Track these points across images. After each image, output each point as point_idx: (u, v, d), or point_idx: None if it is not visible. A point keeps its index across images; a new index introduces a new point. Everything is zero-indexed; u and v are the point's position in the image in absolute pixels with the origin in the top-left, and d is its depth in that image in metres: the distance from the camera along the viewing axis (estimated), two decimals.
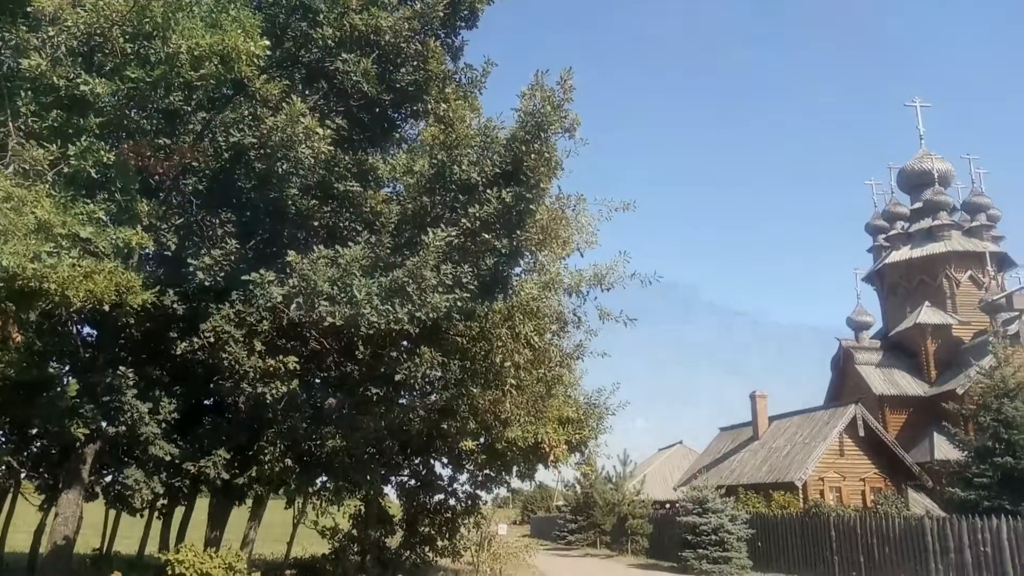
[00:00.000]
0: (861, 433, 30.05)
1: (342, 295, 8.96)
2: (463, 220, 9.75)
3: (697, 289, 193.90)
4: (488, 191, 9.73)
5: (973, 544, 19.04)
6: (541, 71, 9.99)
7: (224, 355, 8.87)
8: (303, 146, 9.17)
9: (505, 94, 11.31)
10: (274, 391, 9.28)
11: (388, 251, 9.83)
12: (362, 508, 17.71)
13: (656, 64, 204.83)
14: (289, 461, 10.50)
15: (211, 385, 10.16)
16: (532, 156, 9.80)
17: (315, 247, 9.50)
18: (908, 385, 36.71)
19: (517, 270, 12.36)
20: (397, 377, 9.64)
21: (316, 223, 10.49)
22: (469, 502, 18.45)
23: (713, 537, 23.89)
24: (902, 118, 67.25)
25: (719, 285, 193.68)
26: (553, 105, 9.71)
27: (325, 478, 11.93)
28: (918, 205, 41.68)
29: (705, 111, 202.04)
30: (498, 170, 9.93)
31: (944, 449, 29.95)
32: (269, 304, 9.03)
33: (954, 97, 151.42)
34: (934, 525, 20.04)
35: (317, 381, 12.22)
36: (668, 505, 39.04)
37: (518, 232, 10.08)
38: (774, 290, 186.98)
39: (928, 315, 37.46)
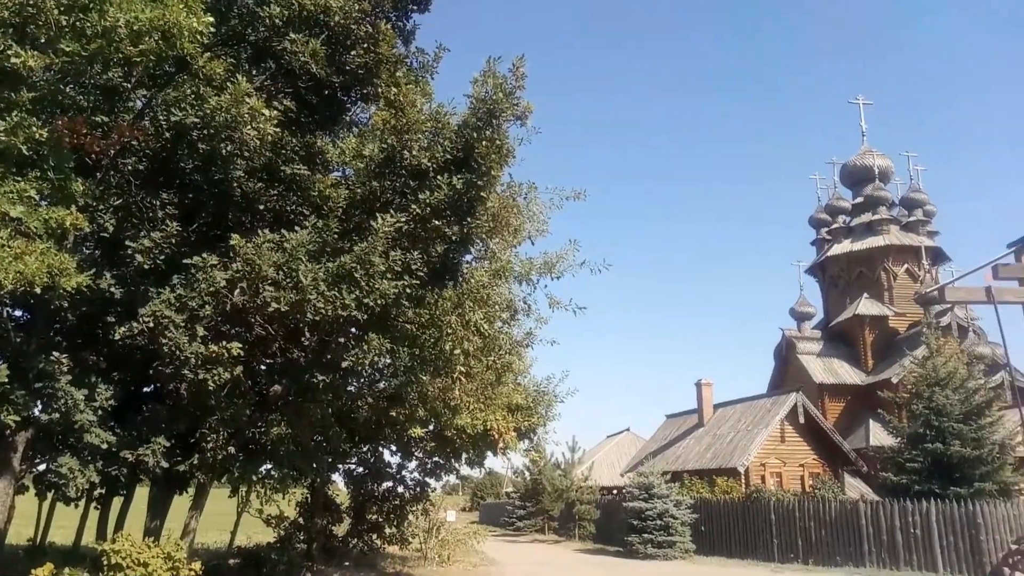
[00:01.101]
0: (801, 420, 30.96)
1: (288, 280, 8.81)
2: (413, 206, 9.67)
3: (646, 277, 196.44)
4: (439, 177, 9.66)
5: (904, 527, 19.85)
6: (493, 57, 9.95)
7: (164, 341, 8.62)
8: (248, 127, 8.95)
9: (458, 80, 11.23)
10: (217, 378, 9.06)
11: (336, 236, 9.69)
12: (308, 496, 17.54)
13: (608, 56, 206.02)
14: (232, 449, 10.29)
15: (151, 371, 9.88)
16: (483, 143, 9.76)
17: (260, 231, 9.30)
18: (847, 374, 37.93)
19: (468, 257, 12.33)
20: (344, 364, 9.52)
21: (262, 206, 10.26)
22: (418, 489, 18.44)
23: (658, 522, 24.37)
24: (846, 115, 69.53)
25: (669, 274, 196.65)
26: (505, 92, 9.68)
27: (270, 466, 11.73)
28: (859, 200, 42.93)
29: (655, 104, 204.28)
30: (449, 156, 9.87)
31: (879, 436, 31.05)
32: (212, 289, 8.81)
33: (896, 95, 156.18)
34: (868, 509, 20.82)
35: (262, 368, 12.01)
36: (615, 491, 39.66)
37: (469, 219, 10.05)
38: (720, 279, 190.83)
39: (866, 307, 38.78)
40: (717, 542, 24.67)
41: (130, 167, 10.06)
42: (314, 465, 12.66)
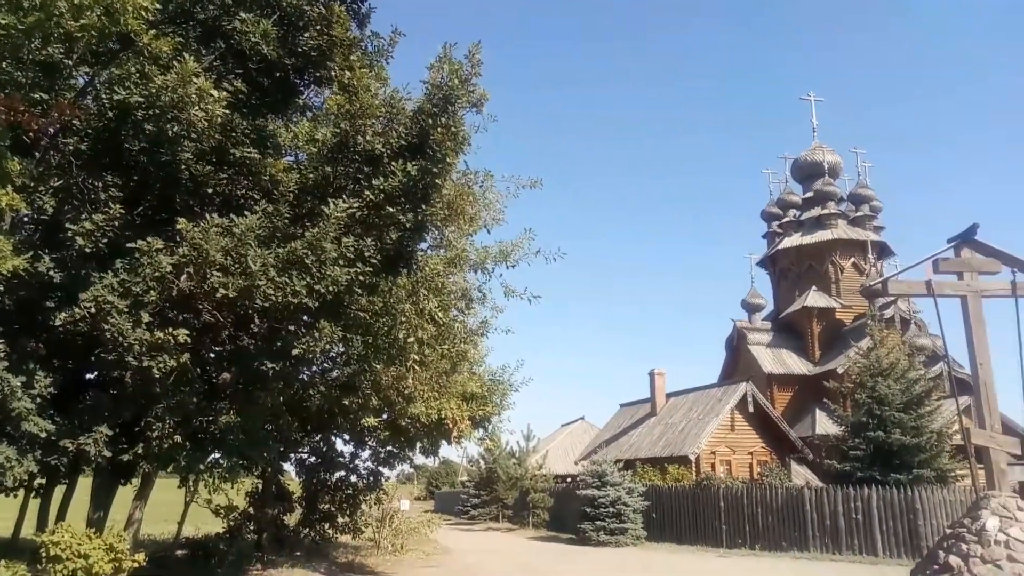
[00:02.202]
0: (751, 409, 31.64)
1: (236, 266, 8.62)
2: (367, 192, 9.55)
3: (602, 267, 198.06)
4: (393, 163, 9.56)
5: (846, 512, 20.46)
6: (449, 43, 9.87)
7: (106, 327, 8.35)
8: (196, 108, 8.69)
9: (414, 66, 11.11)
10: (162, 365, 8.83)
11: (287, 221, 9.51)
12: (259, 486, 17.30)
13: (563, 49, 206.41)
14: (179, 438, 10.04)
15: (93, 358, 9.58)
16: (439, 129, 9.69)
17: (208, 215, 9.07)
18: (795, 364, 38.87)
19: (423, 245, 12.25)
20: (295, 352, 9.38)
21: (211, 190, 9.99)
22: (371, 479, 18.34)
23: (611, 509, 24.68)
24: (799, 111, 71.18)
25: (625, 264, 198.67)
26: (461, 79, 9.61)
27: (219, 455, 11.51)
28: (809, 195, 43.92)
29: (610, 95, 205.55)
30: (404, 142, 9.77)
31: (825, 424, 31.92)
32: (157, 274, 8.57)
33: (846, 92, 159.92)
34: (812, 495, 21.40)
35: (211, 355, 11.76)
36: (569, 479, 40.01)
37: (423, 206, 9.96)
38: (674, 271, 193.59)
39: (814, 299, 39.77)
40: (668, 529, 25.10)
41: (71, 147, 9.70)
42: (264, 454, 12.45)
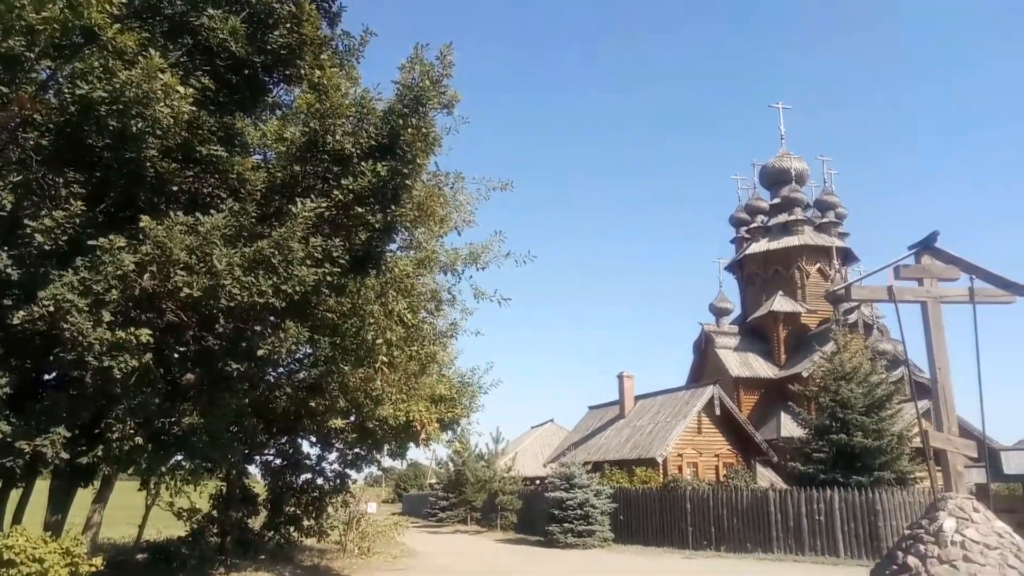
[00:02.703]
0: (717, 412, 32.00)
1: (201, 265, 8.48)
2: (335, 192, 9.47)
3: (573, 270, 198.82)
4: (363, 163, 9.49)
5: (809, 514, 20.81)
6: (421, 44, 9.84)
7: (66, 326, 8.16)
8: (161, 104, 8.53)
9: (386, 67, 11.05)
10: (123, 365, 8.64)
11: (254, 220, 9.39)
12: (223, 488, 17.05)
13: (534, 52, 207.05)
14: (140, 440, 9.83)
15: (51, 358, 9.36)
16: (410, 130, 9.65)
17: (173, 213, 8.91)
18: (761, 368, 39.42)
19: (392, 246, 12.18)
20: (261, 352, 9.25)
21: (176, 188, 9.81)
22: (337, 481, 18.16)
23: (578, 511, 24.79)
24: (767, 118, 72.35)
25: (595, 268, 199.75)
26: (432, 79, 9.59)
27: (181, 457, 11.32)
28: (776, 201, 44.62)
29: (580, 99, 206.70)
30: (374, 142, 9.71)
31: (789, 427, 32.40)
32: (119, 272, 8.39)
33: (814, 101, 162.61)
34: (776, 497, 21.72)
35: (175, 355, 11.56)
36: (538, 481, 40.08)
37: (393, 207, 9.91)
38: (644, 275, 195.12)
39: (781, 303, 40.39)
40: (635, 530, 25.28)
41: (32, 142, 9.45)
42: (229, 457, 12.28)
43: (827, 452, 23.06)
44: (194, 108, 9.19)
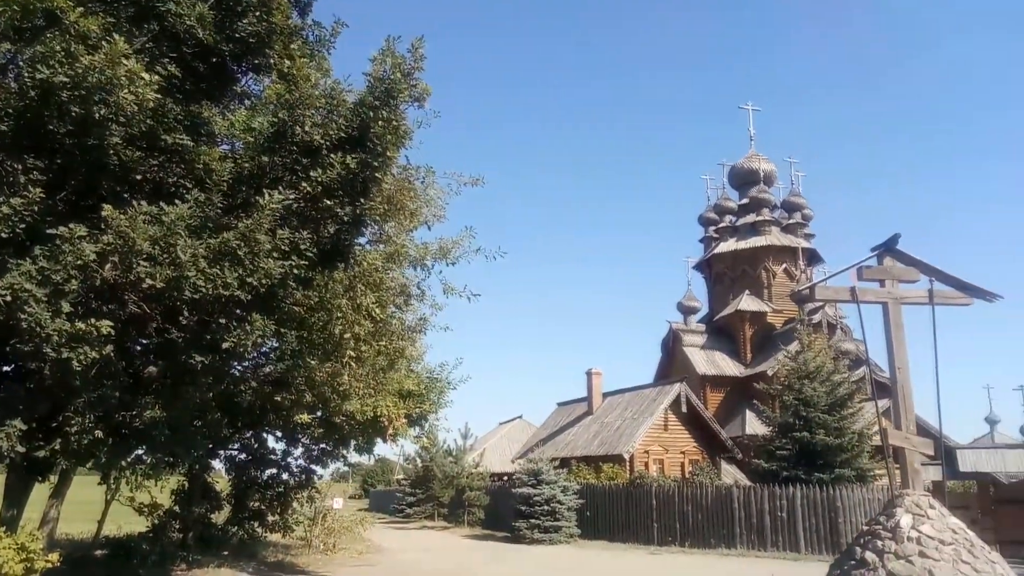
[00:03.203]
0: (684, 409, 32.33)
1: (165, 256, 8.33)
2: (304, 184, 9.36)
3: (544, 267, 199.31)
4: (332, 155, 9.40)
5: (772, 510, 21.14)
6: (392, 37, 9.77)
7: (23, 316, 7.96)
8: (125, 91, 8.34)
9: (357, 59, 10.94)
10: (83, 357, 8.45)
11: (220, 211, 9.23)
12: (185, 483, 16.80)
13: (505, 45, 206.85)
14: (100, 433, 9.64)
15: (8, 349, 9.12)
16: (380, 123, 9.57)
17: (136, 202, 8.73)
18: (727, 366, 39.92)
19: (361, 240, 12.08)
20: (225, 345, 9.12)
21: (140, 177, 9.61)
22: (303, 476, 18.00)
23: (545, 507, 24.89)
24: (737, 119, 73.07)
25: (566, 266, 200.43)
26: (403, 72, 9.53)
27: (142, 451, 11.11)
28: (745, 201, 45.18)
29: (551, 93, 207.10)
30: (344, 134, 9.62)
31: (754, 425, 32.88)
32: (79, 262, 8.21)
33: (783, 103, 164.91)
34: (740, 494, 22.03)
35: (137, 348, 11.35)
36: (506, 477, 40.15)
37: (362, 200, 9.83)
38: (614, 273, 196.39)
39: (747, 303, 40.94)
40: (601, 526, 25.45)
41: None
42: (191, 451, 12.09)
43: (790, 449, 23.44)
44: (159, 96, 9.01)
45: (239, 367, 13.06)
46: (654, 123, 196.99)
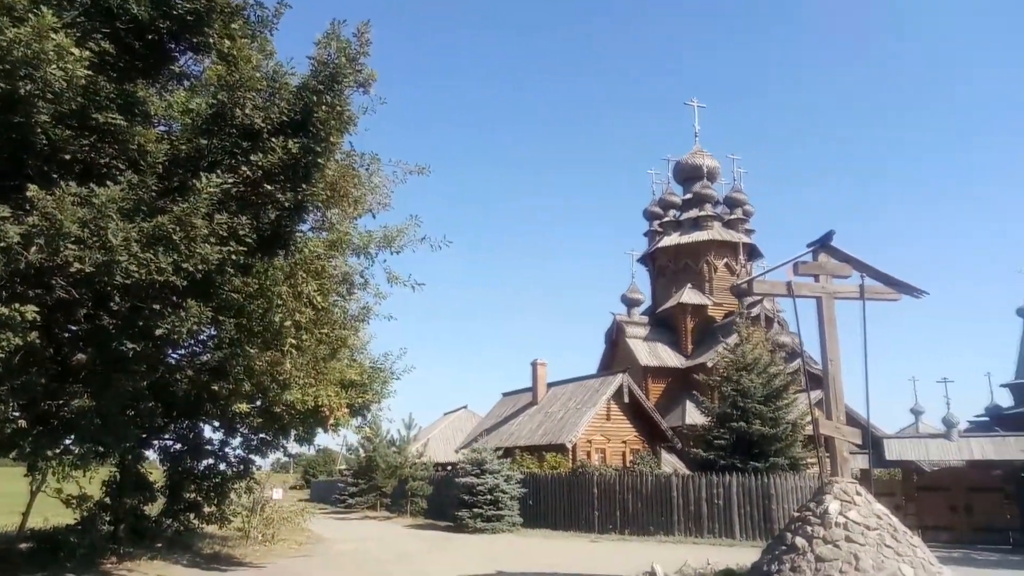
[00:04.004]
0: (626, 400, 32.82)
1: (94, 239, 8.03)
2: (243, 168, 9.15)
3: (490, 258, 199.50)
4: (273, 139, 9.21)
5: (709, 498, 21.68)
6: (338, 20, 9.60)
7: None
8: (53, 67, 8.00)
9: (301, 42, 10.70)
10: (6, 343, 8.11)
11: (154, 194, 8.94)
12: (117, 474, 16.28)
13: (451, 41, 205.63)
14: (24, 422, 9.29)
15: None
16: (323, 108, 9.43)
17: (65, 183, 8.39)
18: (669, 357, 40.67)
19: (303, 227, 11.88)
20: (159, 332, 8.86)
21: (69, 157, 9.24)
22: (241, 467, 17.63)
23: (488, 497, 24.99)
24: (682, 115, 74.20)
25: (512, 256, 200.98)
26: (348, 57, 9.39)
27: (70, 441, 10.73)
28: (688, 196, 46.01)
29: (497, 87, 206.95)
30: (286, 118, 9.43)
31: (694, 415, 33.57)
32: (2, 244, 7.85)
33: (727, 99, 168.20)
34: (679, 482, 22.52)
35: (65, 334, 10.94)
36: (449, 467, 40.14)
37: (304, 186, 9.66)
38: (561, 265, 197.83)
39: (689, 296, 41.76)
40: (544, 515, 25.69)
41: None
42: (123, 441, 11.74)
43: (727, 439, 24.03)
44: (91, 73, 8.68)
45: (174, 355, 12.73)
46: (602, 117, 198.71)
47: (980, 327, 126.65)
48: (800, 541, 9.92)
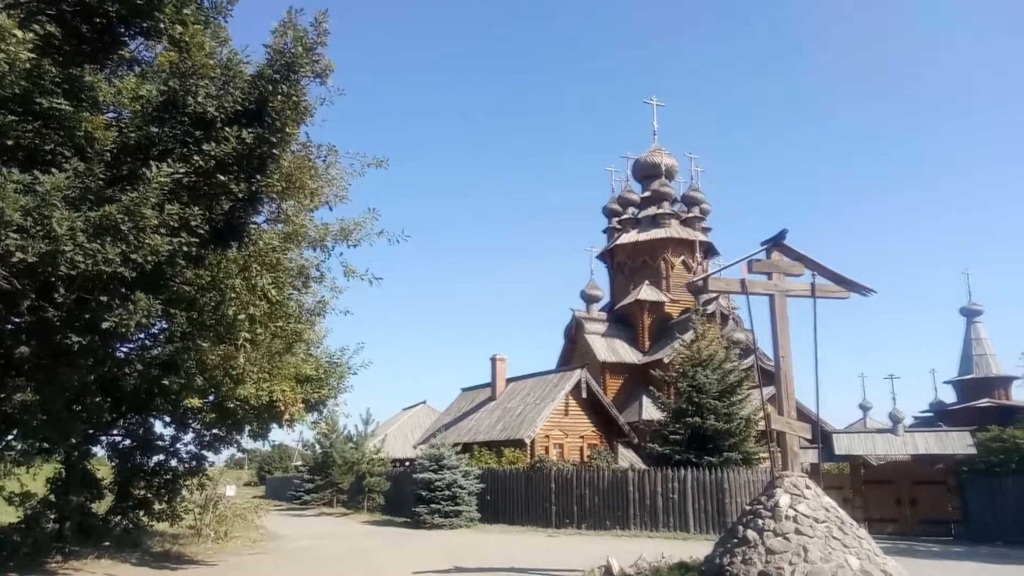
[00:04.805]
0: (584, 395, 33.05)
1: (38, 228, 7.76)
2: (196, 157, 8.94)
3: (450, 253, 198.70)
4: (227, 129, 9.02)
5: (664, 492, 21.98)
6: (295, 9, 9.44)
7: None
8: None
9: (258, 30, 10.51)
10: None
11: (102, 183, 8.68)
12: (63, 471, 15.83)
13: (408, 35, 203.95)
14: None
15: None
16: (279, 97, 9.26)
17: (7, 170, 8.09)
18: (627, 353, 41.06)
19: (258, 219, 11.66)
20: (105, 325, 8.61)
21: (11, 142, 8.92)
22: (193, 463, 17.33)
23: (446, 492, 24.96)
24: (642, 113, 74.75)
25: (472, 251, 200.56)
26: (305, 46, 9.24)
27: (12, 437, 10.39)
28: (647, 194, 46.48)
29: (461, 82, 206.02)
30: (240, 107, 9.24)
31: (650, 410, 33.96)
32: None
33: (686, 99, 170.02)
34: (635, 476, 22.77)
35: (7, 327, 10.57)
36: (408, 463, 39.96)
37: (259, 177, 9.49)
38: (521, 261, 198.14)
39: (647, 293, 42.21)
40: (502, 510, 25.75)
41: None
42: (68, 437, 11.42)
43: (683, 434, 24.36)
44: (35, 56, 8.38)
45: (123, 348, 12.40)
46: (563, 112, 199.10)
47: (926, 325, 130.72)
48: (751, 534, 10.11)
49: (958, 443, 22.61)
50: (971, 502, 21.60)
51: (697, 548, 14.51)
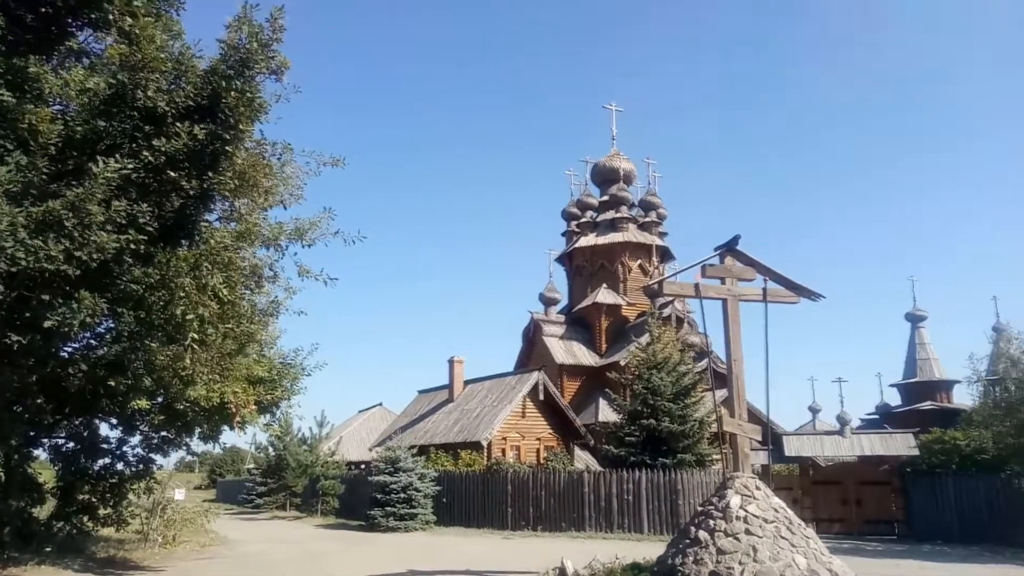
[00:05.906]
0: (541, 397, 33.14)
1: None
2: (145, 153, 8.72)
3: (407, 254, 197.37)
4: (178, 124, 8.81)
5: (619, 493, 22.16)
6: (250, 4, 9.28)
7: None
8: None
9: (212, 25, 10.26)
10: None
11: (45, 178, 8.42)
12: (1, 474, 15.27)
13: (368, 29, 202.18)
14: None
15: None
16: (233, 93, 9.09)
17: None
18: (584, 356, 41.35)
19: (210, 217, 11.43)
20: (48, 324, 8.34)
21: None
22: (141, 466, 16.86)
23: (402, 495, 24.78)
24: (601, 117, 75.11)
25: (429, 252, 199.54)
26: (261, 42, 9.09)
27: None
28: (605, 198, 46.90)
29: (421, 85, 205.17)
30: (192, 103, 9.05)
31: (606, 412, 34.24)
32: None
33: (644, 105, 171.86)
34: (591, 478, 22.92)
35: None
36: (363, 466, 39.57)
37: (210, 174, 9.30)
38: (477, 261, 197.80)
39: (604, 296, 42.59)
40: (458, 513, 25.66)
41: None
42: (8, 439, 11.02)
43: (638, 436, 24.61)
44: None
45: (67, 348, 12.01)
46: (523, 112, 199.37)
47: (873, 330, 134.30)
48: (703, 534, 10.26)
49: (902, 445, 23.33)
50: (914, 502, 22.27)
51: (651, 549, 14.67)
